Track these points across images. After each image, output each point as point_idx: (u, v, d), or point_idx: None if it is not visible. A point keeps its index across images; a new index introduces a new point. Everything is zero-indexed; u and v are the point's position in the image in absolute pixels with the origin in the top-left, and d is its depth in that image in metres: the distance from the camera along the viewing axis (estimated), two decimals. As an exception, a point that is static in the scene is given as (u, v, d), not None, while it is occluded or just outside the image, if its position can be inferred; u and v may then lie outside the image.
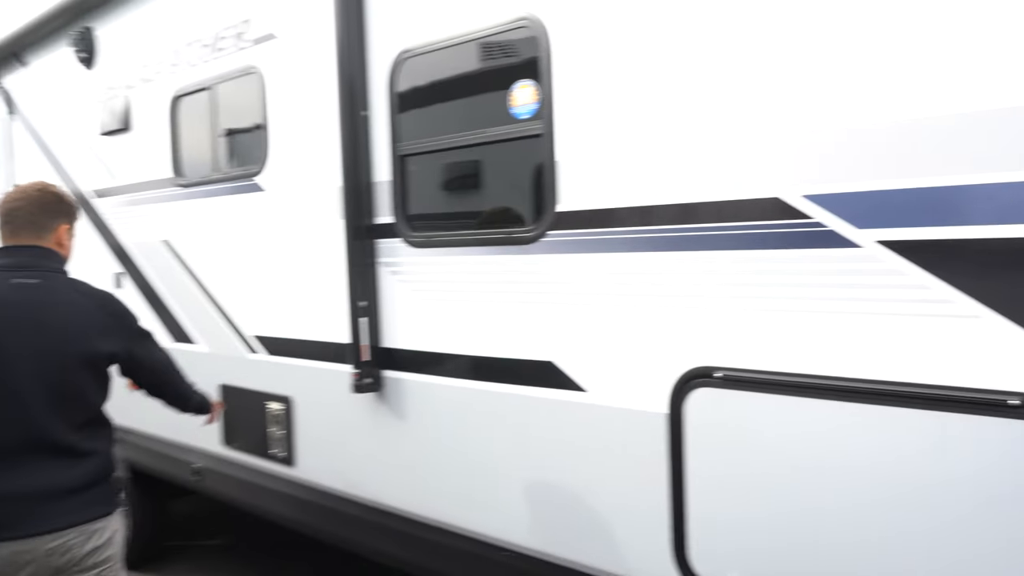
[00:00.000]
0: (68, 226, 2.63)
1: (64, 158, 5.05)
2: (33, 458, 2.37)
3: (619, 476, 2.44)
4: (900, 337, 1.88)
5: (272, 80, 3.51)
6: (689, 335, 2.25)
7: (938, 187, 1.82)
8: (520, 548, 2.72)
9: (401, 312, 3.05)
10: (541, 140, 2.54)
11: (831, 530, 2.01)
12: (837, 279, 1.97)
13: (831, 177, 1.97)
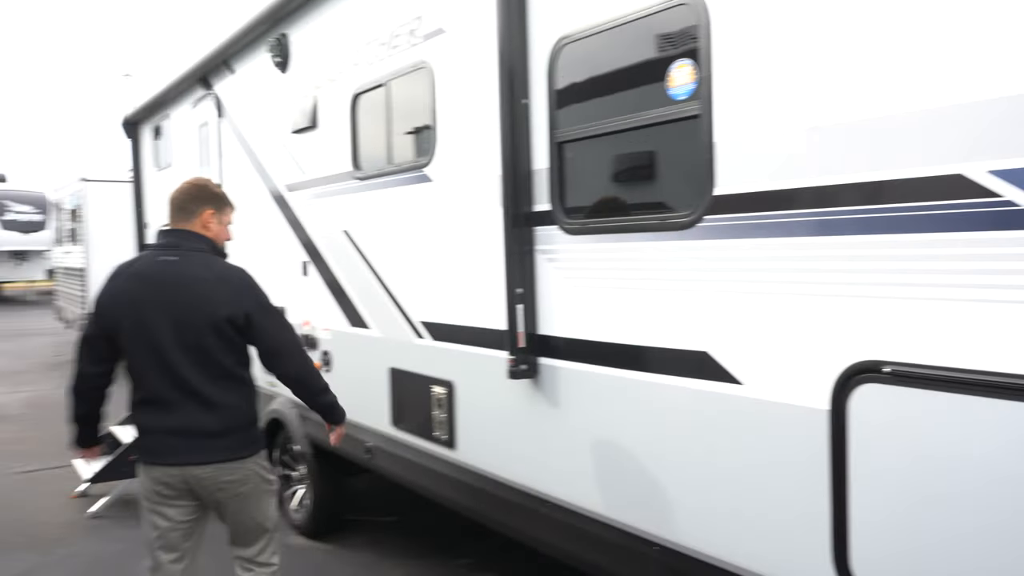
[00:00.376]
0: (212, 211, 3.08)
1: (262, 156, 5.50)
2: (182, 403, 2.94)
3: (775, 474, 2.30)
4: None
5: (441, 73, 3.63)
6: (855, 325, 2.07)
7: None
8: (669, 544, 2.63)
9: (556, 299, 3.04)
10: (698, 121, 2.44)
11: (1017, 550, 1.77)
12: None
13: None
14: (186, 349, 2.92)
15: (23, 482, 6.69)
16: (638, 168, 2.76)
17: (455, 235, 3.60)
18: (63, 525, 5.62)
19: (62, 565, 4.92)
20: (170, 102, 7.47)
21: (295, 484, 5.41)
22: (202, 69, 6.33)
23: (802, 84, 2.19)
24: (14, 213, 23.78)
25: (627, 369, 2.75)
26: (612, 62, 2.78)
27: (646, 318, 2.67)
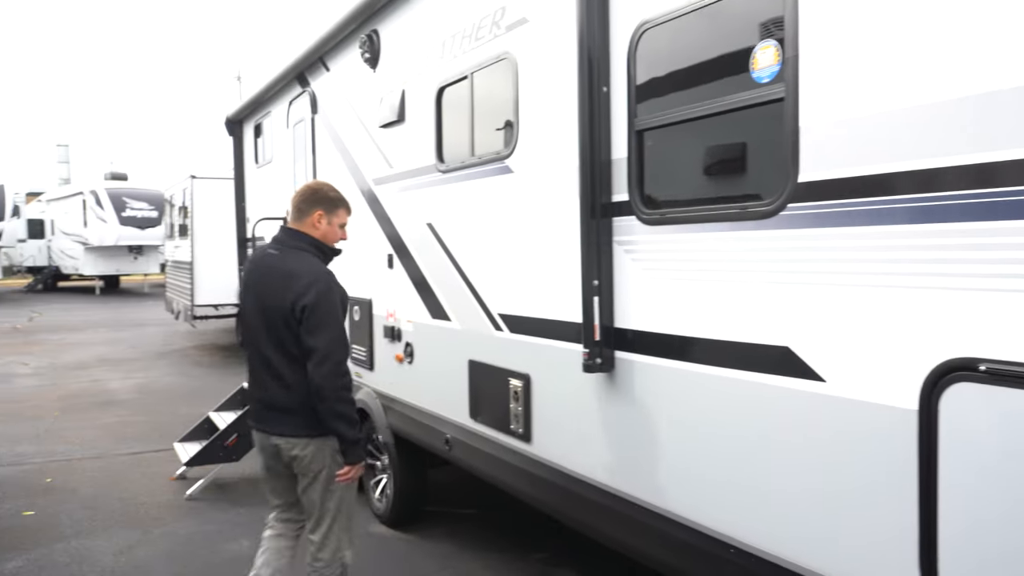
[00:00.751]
0: (322, 212, 3.42)
1: (353, 151, 5.62)
2: (268, 380, 3.34)
3: (859, 477, 2.16)
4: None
5: (523, 63, 3.60)
6: (948, 320, 1.92)
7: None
8: (745, 546, 2.52)
9: (633, 291, 2.97)
10: (783, 105, 2.32)
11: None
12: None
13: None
14: (269, 332, 3.31)
15: (128, 463, 7.06)
16: (719, 156, 2.65)
17: (534, 227, 3.57)
18: (161, 505, 5.89)
19: (158, 543, 5.16)
20: (269, 100, 7.74)
21: (379, 474, 5.50)
22: (299, 67, 6.52)
23: (898, 60, 2.05)
24: (132, 210, 25.24)
25: (705, 364, 2.65)
26: (693, 46, 2.68)
27: (725, 311, 2.56)
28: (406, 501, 5.27)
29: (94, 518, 5.63)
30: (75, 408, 9.40)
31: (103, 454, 7.37)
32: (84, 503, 5.96)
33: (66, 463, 7.08)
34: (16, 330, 17.78)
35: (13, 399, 9.99)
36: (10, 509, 5.84)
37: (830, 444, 2.23)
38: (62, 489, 6.32)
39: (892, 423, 2.03)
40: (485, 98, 3.97)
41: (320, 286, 3.23)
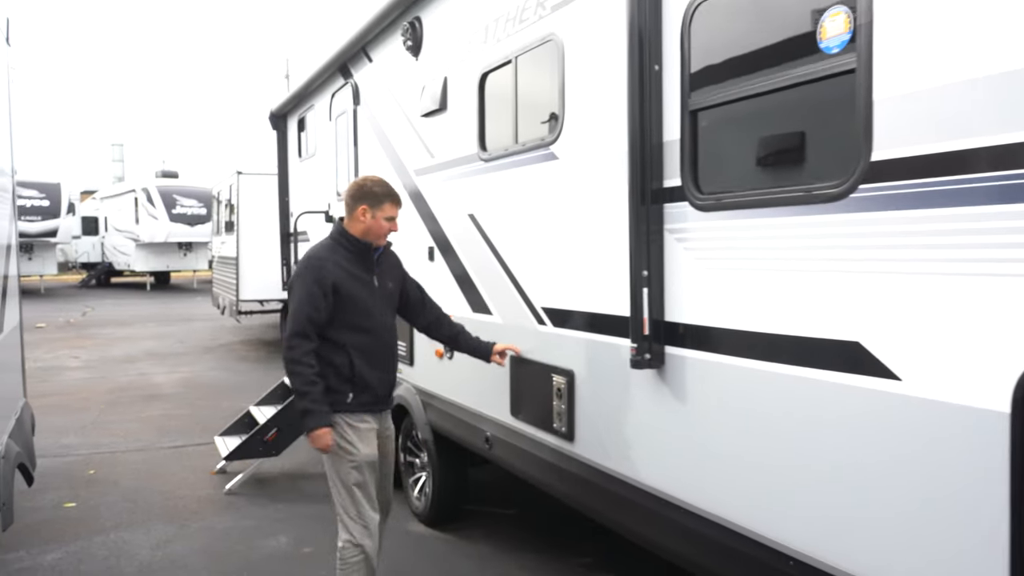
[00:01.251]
0: (366, 207, 3.57)
1: (394, 142, 5.51)
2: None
3: (941, 485, 1.94)
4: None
5: (570, 45, 3.44)
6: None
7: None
8: (807, 559, 2.31)
9: (685, 282, 2.78)
10: (854, 76, 2.12)
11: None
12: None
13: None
14: None
15: (170, 456, 7.07)
16: (781, 135, 2.45)
17: (581, 215, 3.40)
18: (200, 500, 5.86)
19: (196, 537, 5.11)
20: (313, 93, 7.69)
21: (418, 471, 5.38)
22: (342, 58, 6.44)
23: (986, 23, 1.83)
24: (182, 207, 25.68)
25: (764, 360, 2.45)
26: (752, 17, 2.49)
27: (788, 303, 2.37)
28: (445, 500, 5.13)
29: (134, 511, 5.62)
30: (121, 401, 9.49)
31: (146, 447, 7.40)
32: (125, 495, 5.96)
33: (109, 455, 7.12)
34: (69, 324, 18.18)
35: (63, 391, 10.14)
36: (52, 500, 5.87)
37: (907, 449, 2.02)
38: (104, 481, 6.34)
39: (980, 427, 1.82)
40: (529, 83, 3.82)
41: (299, 266, 3.55)
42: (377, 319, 3.58)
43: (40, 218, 24.68)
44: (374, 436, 3.61)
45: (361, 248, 3.57)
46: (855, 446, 2.17)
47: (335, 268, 3.47)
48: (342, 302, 3.47)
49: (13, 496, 3.85)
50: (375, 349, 3.57)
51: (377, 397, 3.61)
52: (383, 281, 3.66)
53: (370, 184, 3.62)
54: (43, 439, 7.63)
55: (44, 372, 11.55)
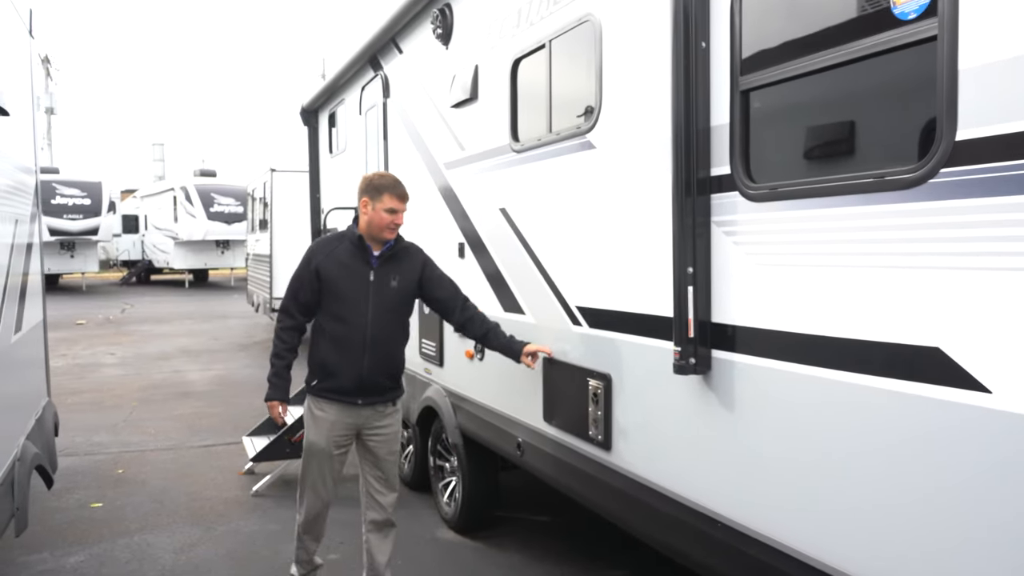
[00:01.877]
0: (367, 199, 3.66)
1: (424, 134, 5.31)
2: None
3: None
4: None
5: (608, 25, 3.20)
6: None
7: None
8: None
9: (735, 280, 2.53)
10: (935, 45, 1.85)
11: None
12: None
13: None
14: None
15: (200, 456, 6.97)
16: (847, 114, 2.19)
17: (619, 208, 3.16)
18: (227, 501, 5.73)
19: (220, 541, 4.97)
20: (343, 87, 7.54)
21: (447, 476, 5.18)
22: (372, 49, 6.27)
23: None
24: (220, 205, 25.87)
25: (824, 367, 2.19)
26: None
27: (855, 304, 2.10)
28: (476, 506, 4.93)
29: (159, 512, 5.51)
30: (154, 399, 9.46)
31: (176, 446, 7.32)
32: (152, 496, 5.86)
33: (139, 454, 7.05)
34: (108, 321, 18.37)
35: (97, 388, 10.16)
36: (80, 500, 5.79)
37: (999, 471, 1.75)
38: (132, 481, 6.25)
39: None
40: (564, 68, 3.58)
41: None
42: (359, 311, 3.60)
43: (82, 216, 25.02)
44: (330, 427, 3.66)
45: (360, 243, 3.67)
46: (936, 466, 1.91)
47: (326, 257, 3.65)
48: (325, 289, 3.64)
49: (28, 501, 3.73)
50: (348, 340, 3.60)
51: (343, 388, 3.62)
52: (384, 277, 3.67)
53: (373, 178, 3.73)
54: (74, 437, 7.61)
55: (81, 369, 11.61)
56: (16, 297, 3.89)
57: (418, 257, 3.85)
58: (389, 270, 3.68)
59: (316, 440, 3.68)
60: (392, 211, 3.61)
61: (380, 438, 3.76)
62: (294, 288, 3.71)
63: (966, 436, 1.82)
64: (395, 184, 3.67)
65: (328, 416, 3.66)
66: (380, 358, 3.65)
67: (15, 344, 3.85)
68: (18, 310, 3.94)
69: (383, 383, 3.71)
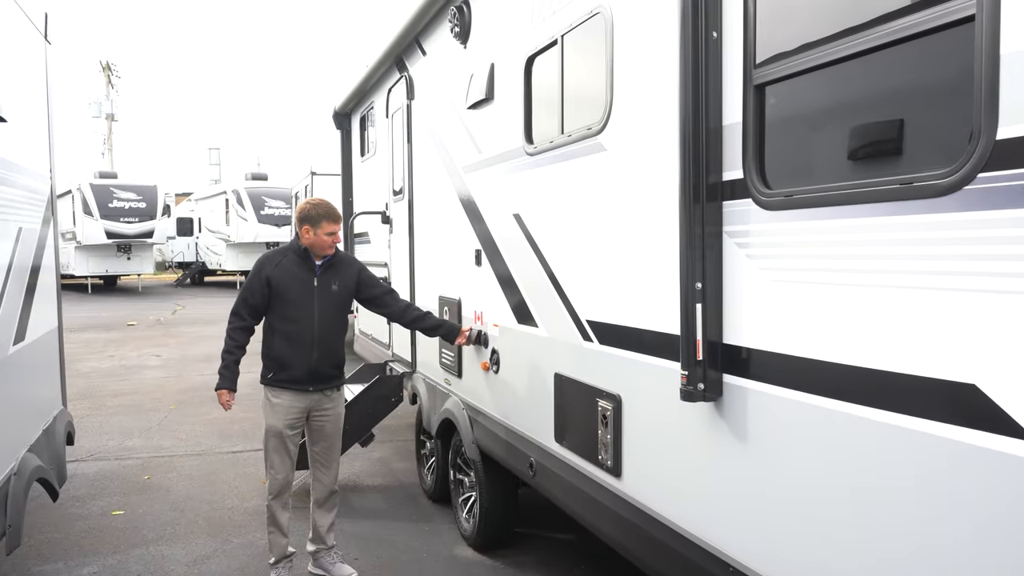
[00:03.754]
0: (307, 227, 4.15)
1: (445, 137, 5.12)
2: None
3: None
4: None
5: (619, 17, 2.95)
6: None
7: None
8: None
9: (748, 298, 2.25)
10: (973, 27, 1.57)
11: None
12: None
13: None
14: None
15: (226, 462, 6.90)
16: (872, 110, 1.90)
17: (630, 216, 2.91)
18: (246, 512, 5.62)
19: (235, 555, 4.85)
20: (372, 90, 7.41)
21: (467, 491, 4.98)
22: (396, 49, 6.11)
23: None
24: (270, 208, 26.18)
25: (845, 401, 1.91)
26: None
27: (878, 329, 1.82)
28: (494, 523, 4.71)
29: (178, 521, 5.42)
30: (191, 402, 9.48)
31: (205, 451, 7.27)
32: (174, 504, 5.78)
33: (168, 459, 7.02)
34: (159, 322, 18.69)
35: (138, 390, 10.24)
36: (103, 507, 5.74)
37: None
38: (157, 488, 6.20)
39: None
40: (576, 65, 3.34)
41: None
42: (307, 312, 4.13)
43: (138, 220, 25.59)
44: (285, 411, 4.20)
45: (304, 255, 4.20)
46: (970, 520, 1.61)
47: (274, 268, 4.15)
48: (275, 295, 4.12)
49: (23, 517, 3.63)
50: (299, 337, 4.13)
51: (296, 378, 4.16)
52: (326, 282, 4.20)
53: (308, 208, 4.19)
54: (108, 441, 7.64)
55: (126, 370, 11.75)
56: (17, 307, 3.81)
57: (354, 265, 4.41)
58: (330, 277, 4.22)
59: (274, 423, 4.23)
60: (331, 233, 4.15)
61: (325, 418, 4.34)
62: (244, 295, 4.19)
63: (1005, 489, 1.53)
64: (328, 210, 4.19)
65: (283, 402, 4.20)
66: (326, 351, 4.19)
67: (15, 355, 3.76)
68: (20, 320, 3.86)
69: (329, 372, 4.25)
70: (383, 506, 5.70)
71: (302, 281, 4.16)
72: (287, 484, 4.35)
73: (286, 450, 4.27)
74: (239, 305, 4.22)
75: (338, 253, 4.30)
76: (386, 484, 6.23)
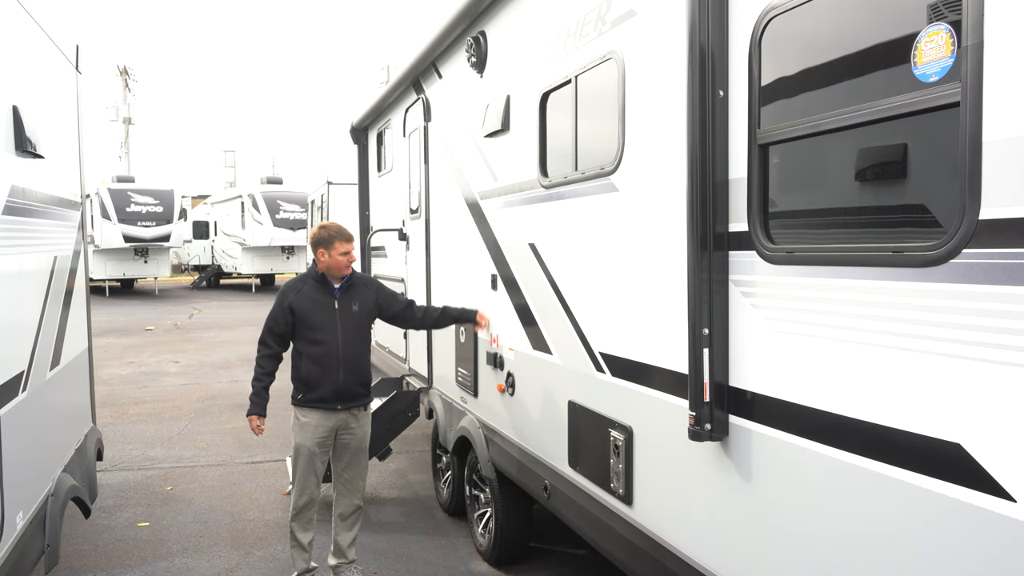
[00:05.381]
0: (322, 250, 4.35)
1: (461, 162, 5.26)
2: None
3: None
4: None
5: (631, 64, 3.08)
6: None
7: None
8: None
9: (753, 344, 2.38)
10: (958, 111, 1.69)
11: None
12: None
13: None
14: None
15: (246, 473, 7.07)
16: (866, 178, 2.03)
17: (640, 256, 3.04)
18: (267, 524, 5.78)
19: (256, 567, 5.01)
20: (389, 108, 7.56)
21: (482, 507, 5.11)
22: (414, 72, 6.25)
23: None
24: (285, 212, 26.44)
25: (841, 449, 2.04)
26: (833, 36, 2.07)
27: (871, 384, 1.95)
28: (509, 538, 4.84)
29: (202, 534, 5.59)
30: (210, 410, 9.66)
31: (225, 461, 7.44)
32: (197, 516, 5.95)
33: (189, 470, 7.19)
34: (176, 327, 18.93)
35: (159, 398, 10.44)
36: (129, 518, 5.92)
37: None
38: (180, 499, 6.37)
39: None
40: (589, 105, 3.48)
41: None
42: (331, 334, 4.30)
43: (154, 223, 25.90)
44: (314, 430, 4.34)
45: (323, 279, 4.38)
46: (950, 571, 1.74)
47: (296, 295, 4.34)
48: (299, 320, 4.31)
49: (60, 537, 3.80)
50: (325, 358, 4.29)
51: (324, 398, 4.31)
52: (346, 304, 4.38)
53: (320, 232, 4.38)
54: (131, 450, 7.83)
55: (146, 378, 11.97)
56: (53, 335, 3.98)
57: (371, 285, 4.60)
58: (349, 298, 4.39)
59: (303, 441, 4.37)
60: (345, 253, 4.35)
61: (351, 435, 4.47)
62: (270, 324, 4.37)
63: (986, 543, 1.65)
64: (339, 231, 4.39)
65: (312, 421, 4.34)
66: (352, 370, 4.35)
67: (51, 379, 3.94)
68: (55, 347, 4.03)
69: (357, 390, 4.40)
70: (400, 519, 5.84)
71: (324, 305, 4.34)
72: (311, 503, 4.49)
73: (313, 469, 4.43)
74: (265, 334, 4.40)
75: (354, 275, 4.48)
76: (403, 497, 6.37)
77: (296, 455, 4.45)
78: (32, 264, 3.70)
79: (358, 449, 4.54)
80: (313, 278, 4.40)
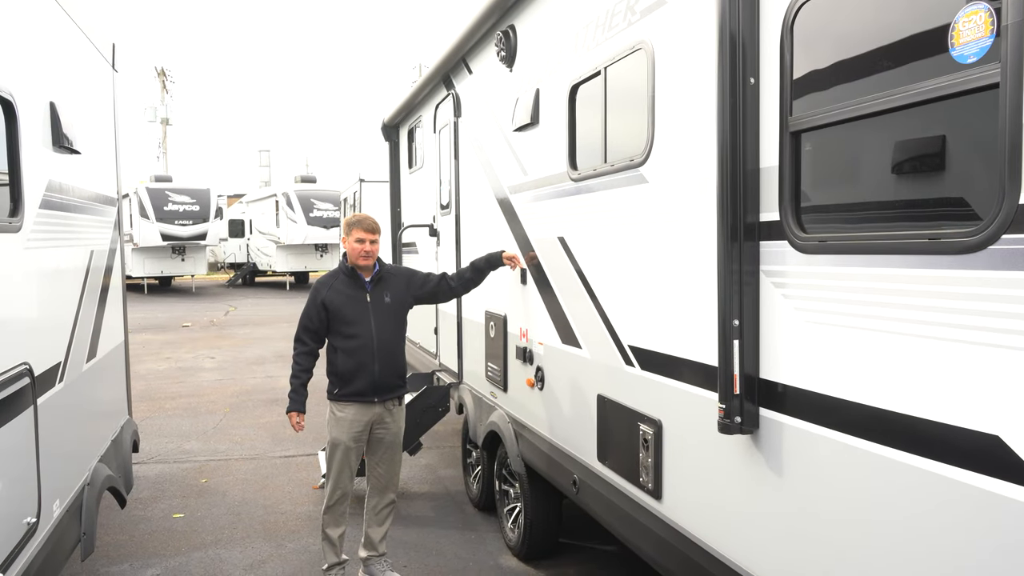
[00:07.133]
0: (344, 236, 4.47)
1: (491, 156, 5.25)
2: None
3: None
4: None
5: (661, 54, 3.05)
6: None
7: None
8: None
9: (785, 336, 2.34)
10: (997, 93, 1.64)
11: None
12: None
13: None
14: None
15: (279, 467, 7.14)
16: (900, 164, 1.98)
17: (670, 248, 3.00)
18: (299, 517, 5.83)
19: (289, 559, 5.06)
20: (420, 105, 7.58)
21: (512, 501, 5.11)
22: (444, 68, 6.26)
23: None
24: (319, 210, 26.68)
25: (875, 442, 1.99)
26: (867, 19, 2.03)
27: (908, 376, 1.90)
28: (538, 533, 4.83)
29: (235, 525, 5.66)
30: (245, 405, 9.79)
31: (259, 455, 7.53)
32: (230, 508, 6.03)
33: (223, 463, 7.29)
34: (212, 324, 19.21)
35: (195, 393, 10.60)
36: (164, 510, 6.02)
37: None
38: (214, 491, 6.46)
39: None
40: (619, 97, 3.45)
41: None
42: (364, 328, 4.34)
43: (191, 222, 26.30)
44: (350, 424, 4.37)
45: (353, 273, 4.43)
46: (986, 568, 1.69)
47: (327, 290, 4.39)
48: (332, 315, 4.35)
49: (96, 525, 3.87)
50: (360, 351, 4.31)
51: (360, 391, 4.34)
52: (378, 297, 4.42)
53: (347, 219, 4.53)
54: (168, 444, 7.96)
55: (182, 373, 12.16)
56: (89, 328, 4.05)
57: (401, 273, 4.65)
58: (381, 290, 4.44)
59: (338, 436, 4.39)
60: (360, 240, 4.35)
61: (386, 429, 4.49)
62: (304, 321, 4.42)
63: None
64: (361, 220, 4.45)
65: (347, 415, 4.37)
66: (387, 362, 4.38)
67: (88, 371, 4.01)
68: (92, 339, 4.11)
69: (393, 381, 4.44)
70: (430, 514, 5.86)
71: (355, 299, 4.37)
72: (344, 498, 4.53)
73: (348, 464, 4.45)
74: (300, 331, 4.43)
75: (384, 267, 4.51)
76: (433, 491, 6.39)
77: (331, 450, 4.47)
78: (69, 258, 3.76)
79: (392, 444, 4.55)
80: (344, 273, 4.44)
